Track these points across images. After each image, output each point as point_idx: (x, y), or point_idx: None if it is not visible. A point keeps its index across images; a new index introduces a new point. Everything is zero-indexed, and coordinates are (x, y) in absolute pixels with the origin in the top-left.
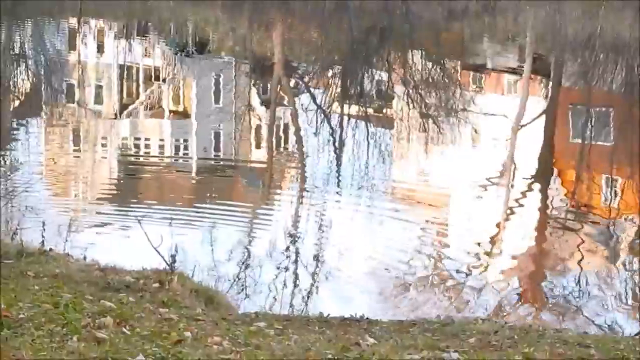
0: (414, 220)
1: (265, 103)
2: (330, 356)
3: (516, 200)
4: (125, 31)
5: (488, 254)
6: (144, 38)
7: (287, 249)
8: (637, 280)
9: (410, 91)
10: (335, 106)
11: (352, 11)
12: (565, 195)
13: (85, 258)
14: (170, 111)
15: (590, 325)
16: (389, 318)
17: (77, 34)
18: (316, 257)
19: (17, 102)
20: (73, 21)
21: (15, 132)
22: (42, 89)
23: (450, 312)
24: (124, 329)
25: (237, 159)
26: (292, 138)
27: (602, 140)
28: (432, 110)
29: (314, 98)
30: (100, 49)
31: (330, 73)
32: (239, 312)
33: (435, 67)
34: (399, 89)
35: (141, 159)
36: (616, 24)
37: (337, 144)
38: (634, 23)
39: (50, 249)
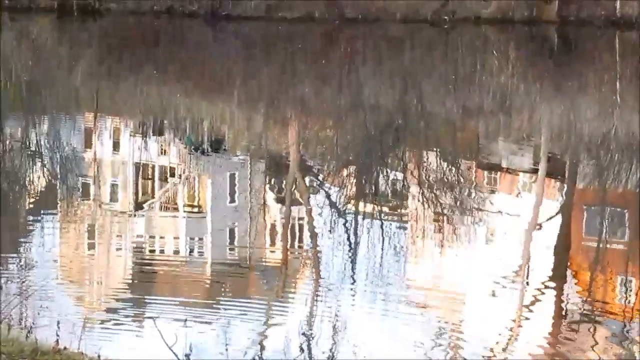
0: (428, 319)
1: (280, 201)
2: None
3: (531, 303)
4: (141, 129)
5: (503, 353)
6: (159, 136)
7: (302, 348)
8: None
9: (425, 191)
10: (350, 205)
11: (368, 109)
12: (580, 294)
13: (99, 357)
14: (185, 209)
15: None
16: None
17: (93, 132)
18: (330, 358)
19: (32, 200)
20: (90, 117)
21: (30, 229)
22: (58, 186)
23: None
24: None
25: (252, 257)
26: (307, 236)
27: (617, 240)
28: (447, 209)
29: (329, 197)
30: (116, 146)
31: (345, 172)
32: None
33: (450, 166)
34: (413, 188)
35: (156, 256)
36: (631, 123)
37: (351, 243)
38: None
39: (65, 348)
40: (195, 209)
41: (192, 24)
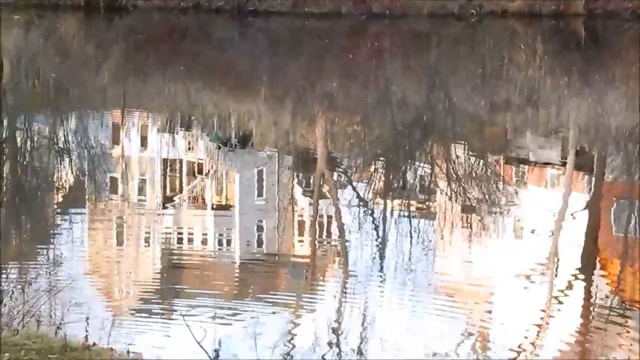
0: (457, 314)
1: (308, 196)
2: None
3: (558, 296)
4: (168, 125)
5: (532, 348)
6: (187, 132)
7: (330, 343)
8: None
9: (453, 185)
10: (378, 199)
11: (395, 104)
12: (610, 289)
13: (129, 352)
14: (213, 205)
15: None
16: None
17: (121, 128)
18: (359, 351)
19: (60, 196)
20: (117, 113)
21: (58, 226)
22: (86, 183)
23: None
24: None
25: (280, 252)
26: (335, 231)
27: None
28: (475, 204)
29: (356, 191)
30: (143, 142)
31: (373, 167)
32: None
33: (478, 160)
34: (441, 182)
35: (184, 252)
36: None
37: (379, 237)
38: None
39: (94, 344)
40: (223, 205)
41: (219, 20)
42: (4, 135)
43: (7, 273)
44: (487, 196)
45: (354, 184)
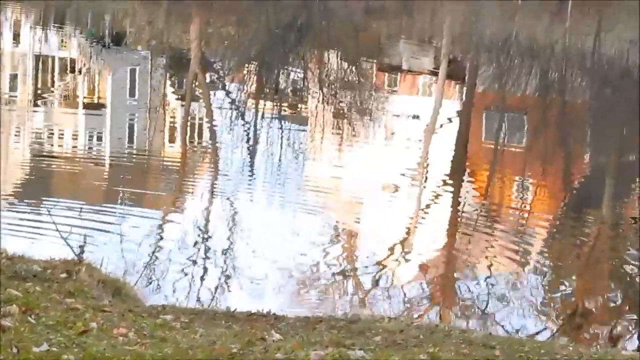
0: (325, 218)
1: (181, 98)
2: (235, 350)
3: (428, 203)
4: (42, 21)
5: (398, 253)
6: (60, 29)
7: (197, 243)
8: (546, 284)
9: (325, 90)
10: (250, 102)
11: (271, 7)
12: (478, 196)
13: None
14: (85, 103)
15: (497, 327)
16: (296, 314)
17: None
18: (226, 252)
19: None
20: None
21: None
22: None
23: (357, 310)
24: (29, 318)
25: (151, 152)
26: (206, 133)
27: (516, 143)
28: (347, 109)
29: (229, 94)
30: (16, 38)
31: (246, 69)
32: (146, 304)
33: (351, 66)
34: (314, 87)
35: (54, 149)
36: (532, 27)
37: (251, 140)
38: (549, 27)
39: None
40: (95, 103)
41: None
42: None
43: None
44: (358, 102)
45: (227, 86)
